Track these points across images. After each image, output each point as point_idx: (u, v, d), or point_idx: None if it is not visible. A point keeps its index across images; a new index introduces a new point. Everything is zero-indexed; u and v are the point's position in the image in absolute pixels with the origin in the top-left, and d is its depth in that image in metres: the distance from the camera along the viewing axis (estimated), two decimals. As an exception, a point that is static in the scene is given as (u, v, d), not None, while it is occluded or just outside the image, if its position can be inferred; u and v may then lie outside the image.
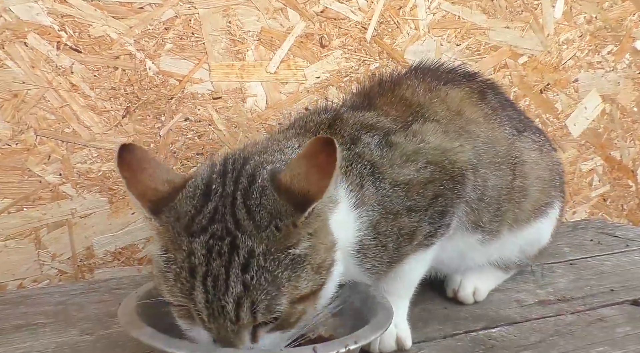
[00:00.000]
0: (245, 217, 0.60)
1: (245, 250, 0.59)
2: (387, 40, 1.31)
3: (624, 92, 1.60)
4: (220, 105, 1.18)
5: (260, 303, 0.58)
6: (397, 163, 0.77)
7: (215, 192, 0.63)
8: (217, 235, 0.59)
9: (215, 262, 0.58)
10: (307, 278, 0.61)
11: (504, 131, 0.93)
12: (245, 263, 0.58)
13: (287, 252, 0.60)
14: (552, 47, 1.49)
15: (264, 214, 0.60)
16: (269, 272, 0.59)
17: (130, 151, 0.64)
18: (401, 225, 0.75)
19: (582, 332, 0.84)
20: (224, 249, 0.59)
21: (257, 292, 0.58)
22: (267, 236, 0.59)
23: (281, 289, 0.59)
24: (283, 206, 0.60)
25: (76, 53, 1.07)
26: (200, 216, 0.61)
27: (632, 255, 1.22)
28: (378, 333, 0.65)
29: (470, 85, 0.96)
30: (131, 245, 1.14)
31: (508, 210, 0.90)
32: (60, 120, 1.07)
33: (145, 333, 0.62)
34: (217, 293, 0.58)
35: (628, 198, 1.67)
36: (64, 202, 1.09)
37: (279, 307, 0.59)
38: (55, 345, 0.79)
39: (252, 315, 0.59)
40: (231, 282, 0.58)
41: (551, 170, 1.00)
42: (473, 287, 0.96)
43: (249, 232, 0.59)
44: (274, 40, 1.21)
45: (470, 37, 1.39)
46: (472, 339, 0.81)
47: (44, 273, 1.09)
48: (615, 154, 1.63)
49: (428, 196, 0.77)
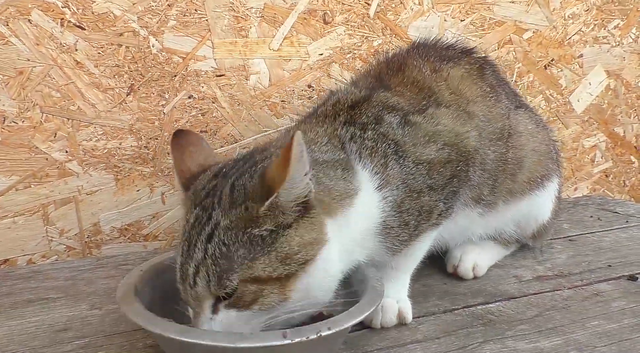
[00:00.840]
0: (228, 194, 0.66)
1: (213, 222, 0.64)
2: (391, 16, 1.30)
3: (629, 67, 1.59)
4: (224, 82, 1.19)
5: (213, 274, 0.62)
6: (420, 142, 0.79)
7: (223, 173, 0.70)
8: (205, 207, 0.66)
9: (194, 229, 0.65)
10: (266, 262, 0.62)
11: (501, 107, 0.94)
12: (210, 234, 0.63)
13: (246, 230, 0.63)
14: (558, 22, 1.47)
15: (241, 193, 0.65)
16: (225, 246, 0.62)
17: (184, 135, 0.77)
18: (422, 203, 0.78)
19: (578, 307, 0.86)
20: (203, 219, 0.65)
21: (211, 261, 0.62)
22: (235, 213, 0.64)
23: (233, 265, 0.62)
24: (257, 191, 0.64)
25: (80, 30, 1.07)
26: (205, 191, 0.68)
27: (631, 231, 1.23)
28: (355, 320, 0.63)
29: (469, 61, 0.97)
30: (137, 222, 1.17)
31: (504, 181, 0.92)
32: (66, 98, 1.08)
33: (131, 309, 0.65)
34: (187, 257, 0.65)
35: (630, 174, 1.68)
36: (70, 179, 1.11)
37: (228, 282, 0.62)
38: (67, 319, 0.82)
39: (207, 284, 0.63)
40: (197, 248, 0.64)
41: (548, 144, 1.02)
42: (473, 262, 0.98)
43: (223, 207, 0.65)
44: (277, 17, 1.20)
45: (475, 12, 1.38)
46: (470, 314, 0.84)
47: (52, 249, 1.12)
48: (618, 129, 1.63)
49: (446, 176, 0.80)
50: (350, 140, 0.76)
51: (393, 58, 0.96)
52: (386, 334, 0.77)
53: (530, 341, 0.75)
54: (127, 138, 1.13)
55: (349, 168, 0.74)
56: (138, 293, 0.69)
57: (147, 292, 0.71)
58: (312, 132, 0.78)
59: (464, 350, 0.73)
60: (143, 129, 1.14)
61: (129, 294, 0.68)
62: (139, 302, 0.66)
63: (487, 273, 0.99)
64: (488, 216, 0.94)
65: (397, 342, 0.75)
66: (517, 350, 0.73)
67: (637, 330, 0.78)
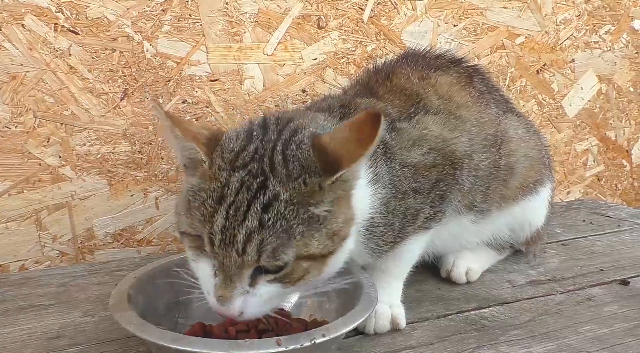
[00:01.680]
0: (281, 162, 0.64)
1: (271, 192, 0.62)
2: (384, 21, 1.30)
3: (620, 72, 1.61)
4: (218, 87, 1.19)
5: (268, 245, 0.60)
6: (405, 146, 0.80)
7: (257, 137, 0.68)
8: (252, 173, 0.63)
9: (242, 194, 0.62)
10: (319, 239, 0.62)
11: (491, 113, 0.95)
12: (268, 204, 0.61)
13: (307, 208, 0.62)
14: (550, 27, 1.49)
15: (297, 165, 0.63)
16: (285, 220, 0.61)
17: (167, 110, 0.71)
18: (408, 205, 0.79)
19: (570, 311, 0.86)
20: (253, 186, 0.62)
21: (268, 232, 0.60)
22: (294, 187, 0.62)
23: (291, 240, 0.61)
24: (314, 164, 0.63)
25: (74, 35, 1.07)
26: (244, 154, 0.65)
27: (623, 235, 1.24)
28: (350, 327, 0.64)
29: (458, 70, 0.98)
30: (131, 227, 1.16)
31: (496, 188, 0.93)
32: (59, 103, 1.08)
33: (123, 316, 0.64)
34: (234, 222, 0.61)
35: (622, 178, 1.69)
36: (63, 184, 1.10)
37: (284, 255, 0.61)
38: (59, 326, 0.81)
39: (258, 254, 0.61)
40: (249, 215, 0.61)
41: (540, 150, 1.03)
42: (466, 267, 0.98)
43: (280, 177, 0.63)
44: (271, 22, 1.20)
45: (468, 17, 1.39)
46: (464, 319, 0.84)
47: (45, 254, 1.11)
48: (610, 133, 1.64)
49: (431, 179, 0.81)
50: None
51: (382, 67, 0.97)
52: (379, 340, 0.77)
53: (524, 346, 0.76)
54: (120, 143, 1.13)
55: None
56: (131, 300, 0.69)
57: (140, 299, 0.71)
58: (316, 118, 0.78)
59: (457, 356, 0.73)
60: (137, 133, 1.14)
61: (121, 301, 0.68)
62: (131, 310, 0.66)
63: (480, 278, 0.99)
64: (481, 223, 0.95)
65: (391, 348, 0.75)
66: (510, 355, 0.73)
67: (629, 335, 0.79)
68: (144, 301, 0.71)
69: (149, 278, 0.75)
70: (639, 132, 1.68)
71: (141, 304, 0.69)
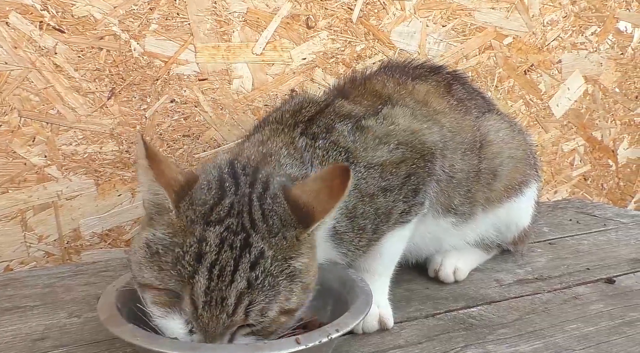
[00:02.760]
0: (261, 218, 0.63)
1: (257, 249, 0.60)
2: (373, 22, 1.31)
3: (606, 72, 1.62)
4: (206, 86, 1.18)
5: (257, 304, 0.60)
6: (370, 146, 0.79)
7: (229, 189, 0.65)
8: (232, 229, 0.61)
9: (225, 253, 0.60)
10: (297, 293, 0.62)
11: (470, 119, 0.95)
12: (255, 262, 0.60)
13: (289, 262, 0.62)
14: (537, 28, 1.50)
15: (276, 220, 0.63)
16: (272, 277, 0.60)
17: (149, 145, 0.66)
18: (378, 206, 0.78)
19: (557, 310, 0.87)
20: (236, 243, 0.60)
21: (258, 292, 0.59)
22: (276, 243, 0.62)
23: (277, 296, 0.61)
24: (291, 217, 0.63)
25: (59, 33, 1.05)
26: (219, 208, 0.63)
27: (608, 234, 1.26)
28: (359, 319, 0.66)
29: (437, 79, 0.98)
30: (118, 227, 1.15)
31: (478, 191, 0.93)
32: (45, 102, 1.07)
33: (125, 330, 0.61)
34: (221, 283, 0.59)
35: (608, 177, 1.71)
36: (49, 184, 1.09)
37: (270, 312, 0.60)
38: (44, 328, 0.80)
39: (246, 314, 0.60)
40: (237, 276, 0.59)
41: (524, 150, 1.03)
42: (454, 266, 0.98)
43: (262, 233, 0.61)
44: (260, 21, 1.20)
45: (456, 18, 1.39)
46: (452, 318, 0.84)
47: (30, 255, 1.10)
48: (596, 134, 1.66)
49: (401, 175, 0.80)
50: (305, 149, 0.77)
51: (360, 75, 0.97)
52: (368, 340, 0.77)
53: (511, 345, 0.76)
54: (108, 142, 1.12)
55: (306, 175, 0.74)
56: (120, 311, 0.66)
57: (124, 310, 0.67)
58: (275, 145, 0.77)
59: (445, 355, 0.73)
60: (124, 133, 1.13)
61: (114, 315, 0.65)
62: (129, 323, 0.63)
63: (468, 277, 1.00)
64: (463, 226, 0.95)
65: (379, 347, 0.75)
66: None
67: (614, 333, 0.80)
68: (127, 311, 0.68)
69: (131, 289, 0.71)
70: (624, 132, 1.70)
71: (126, 315, 0.66)
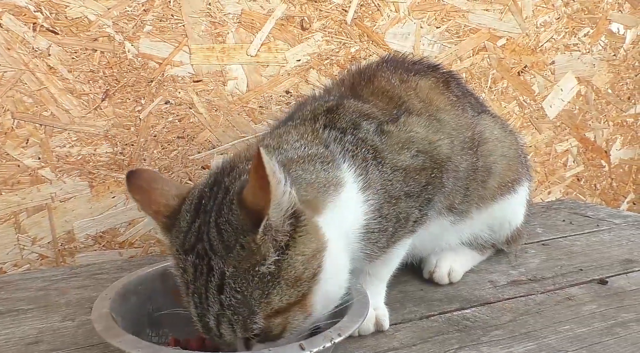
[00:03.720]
0: (216, 236, 0.62)
1: (218, 272, 0.61)
2: (368, 23, 1.31)
3: (598, 74, 1.63)
4: (201, 88, 1.18)
5: (237, 323, 0.61)
6: (394, 149, 0.80)
7: (205, 206, 0.65)
8: (200, 255, 0.63)
9: (198, 281, 0.62)
10: (280, 293, 0.61)
11: (467, 116, 0.96)
12: (220, 284, 0.61)
13: (254, 270, 0.60)
14: (530, 30, 1.51)
15: (231, 232, 0.61)
16: (239, 293, 0.60)
17: (138, 175, 0.69)
18: (400, 210, 0.79)
19: (550, 311, 0.88)
20: (203, 269, 0.62)
21: (231, 312, 0.61)
22: (235, 256, 0.61)
23: (253, 308, 0.61)
24: (244, 222, 0.61)
25: (53, 35, 1.05)
26: (189, 235, 0.64)
27: (601, 234, 1.26)
28: (359, 323, 0.65)
29: (435, 75, 0.99)
30: (112, 229, 1.15)
31: (475, 189, 0.94)
32: (38, 103, 1.06)
33: (124, 341, 0.60)
34: (202, 310, 0.62)
35: (601, 178, 1.72)
36: (43, 186, 1.09)
37: (254, 325, 0.61)
38: (37, 331, 0.80)
39: (232, 332, 0.62)
40: (210, 301, 0.62)
41: (516, 149, 1.04)
42: (448, 268, 0.99)
43: (219, 253, 0.61)
44: (254, 23, 1.20)
45: (450, 19, 1.40)
46: (446, 320, 0.85)
47: (24, 257, 1.09)
48: (589, 134, 1.67)
49: (421, 183, 0.81)
50: (335, 141, 0.76)
51: (364, 70, 0.97)
52: (363, 342, 0.77)
53: (505, 347, 0.76)
54: (102, 144, 1.11)
55: (330, 160, 0.73)
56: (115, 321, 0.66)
57: (118, 319, 0.67)
58: (287, 134, 0.77)
59: (440, 357, 0.74)
60: (119, 134, 1.12)
61: (111, 326, 0.64)
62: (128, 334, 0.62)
63: (463, 278, 1.00)
64: (460, 224, 0.96)
65: (374, 349, 0.76)
66: (491, 355, 0.74)
67: (606, 334, 0.80)
68: (122, 321, 0.68)
69: (121, 297, 0.72)
70: (617, 133, 1.71)
71: (121, 324, 0.66)
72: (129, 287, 0.73)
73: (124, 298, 0.72)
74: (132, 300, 0.72)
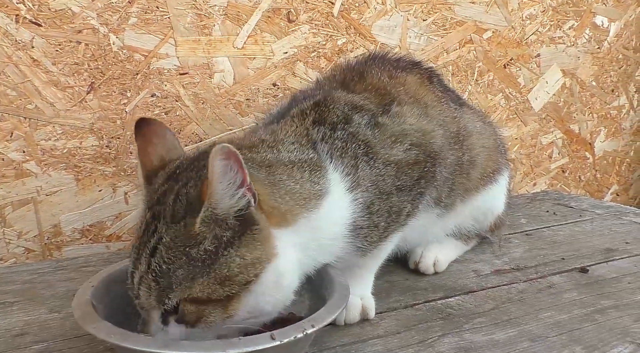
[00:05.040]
0: (171, 204, 0.64)
1: (158, 235, 0.62)
2: (355, 16, 1.31)
3: (583, 66, 1.65)
4: (187, 80, 1.18)
5: (153, 290, 0.61)
6: (387, 144, 0.80)
7: (178, 175, 0.67)
8: (155, 215, 0.65)
9: (143, 237, 0.64)
10: (204, 284, 0.60)
11: (451, 111, 0.97)
12: (154, 248, 0.62)
13: (186, 250, 0.61)
14: (516, 22, 1.52)
15: (183, 207, 0.63)
16: (165, 264, 0.61)
17: (146, 124, 0.74)
18: (392, 204, 0.79)
19: (532, 299, 0.89)
20: (150, 229, 0.64)
21: (151, 277, 0.61)
22: (176, 229, 0.62)
23: (172, 285, 0.61)
24: (196, 204, 0.62)
25: (36, 26, 1.04)
26: (155, 195, 0.67)
27: (583, 225, 1.28)
28: (335, 314, 0.65)
29: (419, 71, 1.00)
30: (99, 223, 1.15)
31: (460, 182, 0.96)
32: (22, 96, 1.05)
33: (99, 327, 0.61)
34: (134, 266, 0.64)
35: (585, 170, 1.74)
36: (28, 179, 1.08)
37: (167, 300, 0.61)
38: (24, 324, 0.80)
39: (147, 297, 0.62)
40: (142, 260, 0.63)
41: (495, 139, 1.06)
42: (434, 258, 1.00)
43: (167, 219, 0.63)
44: (240, 15, 1.20)
45: (437, 12, 1.41)
46: (430, 308, 0.86)
47: (10, 251, 1.09)
48: (574, 127, 1.69)
49: (414, 177, 0.81)
50: (322, 140, 0.76)
51: (354, 66, 0.97)
52: (349, 330, 0.78)
53: (487, 333, 0.78)
54: (87, 137, 1.11)
55: (318, 168, 0.73)
56: (96, 309, 0.66)
57: (101, 307, 0.67)
58: (284, 133, 0.77)
59: (422, 344, 0.75)
60: (104, 128, 1.12)
61: (89, 312, 0.64)
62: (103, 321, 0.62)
63: (447, 268, 1.02)
64: (446, 216, 0.97)
65: (359, 337, 0.77)
66: (473, 342, 0.76)
67: (586, 320, 0.82)
68: (106, 309, 0.68)
69: (106, 286, 0.72)
70: (601, 125, 1.73)
71: (104, 313, 0.66)
72: (115, 275, 0.73)
73: (109, 286, 0.72)
74: (118, 288, 0.72)
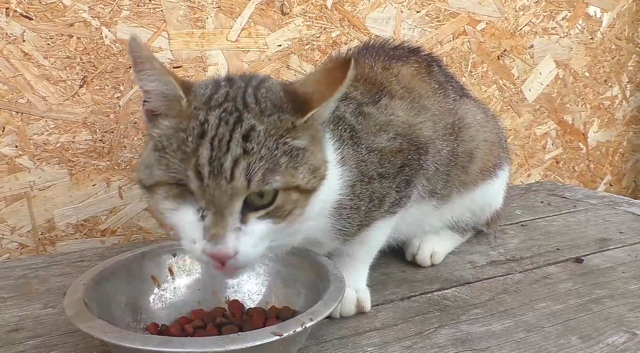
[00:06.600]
0: (253, 101, 0.66)
1: (248, 124, 0.63)
2: (348, 8, 1.30)
3: (576, 57, 1.65)
4: (181, 74, 1.17)
5: (257, 169, 0.61)
6: (371, 131, 0.81)
7: (225, 86, 0.69)
8: (228, 110, 0.65)
9: (222, 127, 0.63)
10: (304, 172, 0.65)
11: (449, 102, 0.97)
12: (246, 134, 0.62)
13: (286, 140, 0.64)
14: (509, 14, 1.52)
15: (269, 105, 0.66)
16: (267, 148, 0.62)
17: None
18: (373, 190, 0.80)
19: (527, 289, 0.90)
20: (230, 120, 0.64)
21: (254, 157, 0.61)
22: (269, 121, 0.64)
23: (278, 168, 0.62)
24: (286, 104, 0.66)
25: (27, 20, 1.03)
26: (217, 96, 0.67)
27: (578, 215, 1.29)
28: (332, 307, 0.65)
29: (417, 60, 1.00)
30: (93, 217, 1.14)
31: (456, 174, 0.95)
32: (14, 90, 1.04)
33: (93, 326, 0.60)
34: (219, 152, 0.61)
35: (579, 160, 1.75)
36: (21, 174, 1.07)
37: (273, 181, 0.62)
38: (18, 319, 0.80)
39: (247, 179, 0.61)
40: (232, 144, 0.62)
41: (497, 133, 1.06)
42: (431, 250, 1.00)
43: (254, 112, 0.65)
44: (234, 8, 1.19)
45: (430, 4, 1.40)
46: (427, 300, 0.86)
47: (3, 247, 1.08)
48: (567, 117, 1.70)
49: (397, 164, 0.82)
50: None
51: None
52: (345, 323, 0.79)
53: (483, 324, 0.78)
54: (81, 131, 1.10)
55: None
56: (88, 307, 0.64)
57: (94, 305, 0.66)
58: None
59: (420, 336, 0.75)
60: (98, 122, 1.11)
61: (82, 310, 0.63)
62: (97, 319, 0.61)
63: (443, 260, 1.02)
64: (442, 208, 0.97)
65: (356, 330, 0.77)
66: (470, 333, 0.76)
67: (581, 310, 0.82)
68: (97, 307, 0.67)
69: (97, 283, 0.71)
70: (594, 116, 1.74)
71: (96, 311, 0.65)
72: (105, 273, 0.73)
73: (99, 284, 0.71)
74: (108, 286, 0.72)
